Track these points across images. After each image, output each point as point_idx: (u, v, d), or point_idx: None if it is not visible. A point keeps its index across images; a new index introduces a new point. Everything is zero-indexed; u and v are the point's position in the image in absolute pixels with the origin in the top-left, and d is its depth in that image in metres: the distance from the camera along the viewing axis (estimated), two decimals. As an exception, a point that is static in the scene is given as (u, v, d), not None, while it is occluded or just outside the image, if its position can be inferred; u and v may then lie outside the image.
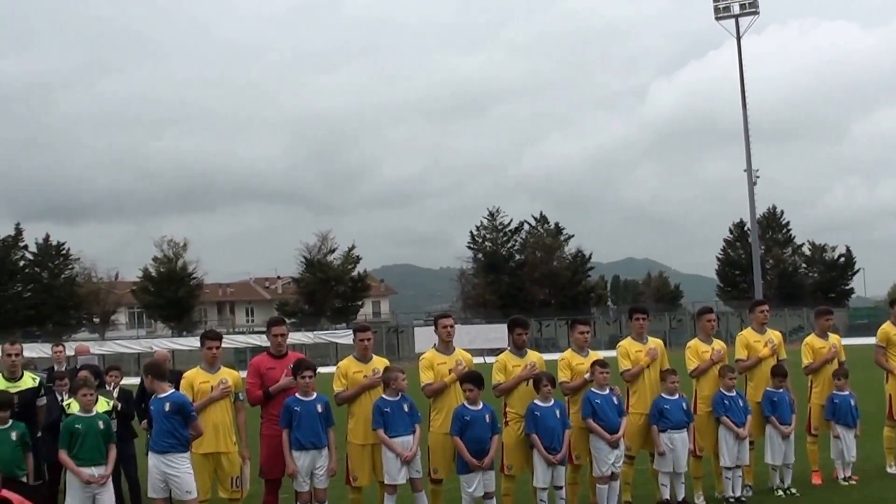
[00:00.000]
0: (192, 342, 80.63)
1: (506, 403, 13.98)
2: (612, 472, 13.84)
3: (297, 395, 12.96)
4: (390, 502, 13.05)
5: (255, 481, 13.74)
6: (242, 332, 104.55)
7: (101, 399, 13.13)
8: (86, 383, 12.63)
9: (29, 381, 13.30)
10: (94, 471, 12.17)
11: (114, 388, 15.18)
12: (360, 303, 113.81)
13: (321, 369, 13.42)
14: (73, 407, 13.05)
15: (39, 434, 13.52)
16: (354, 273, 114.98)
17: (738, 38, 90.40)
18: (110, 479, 12.46)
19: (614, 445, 13.81)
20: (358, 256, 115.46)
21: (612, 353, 14.79)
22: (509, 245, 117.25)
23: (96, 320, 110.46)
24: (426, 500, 13.16)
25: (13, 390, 12.87)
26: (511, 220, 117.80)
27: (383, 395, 13.22)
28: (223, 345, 13.55)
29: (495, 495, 13.36)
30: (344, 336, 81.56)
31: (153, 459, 12.12)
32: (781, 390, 15.20)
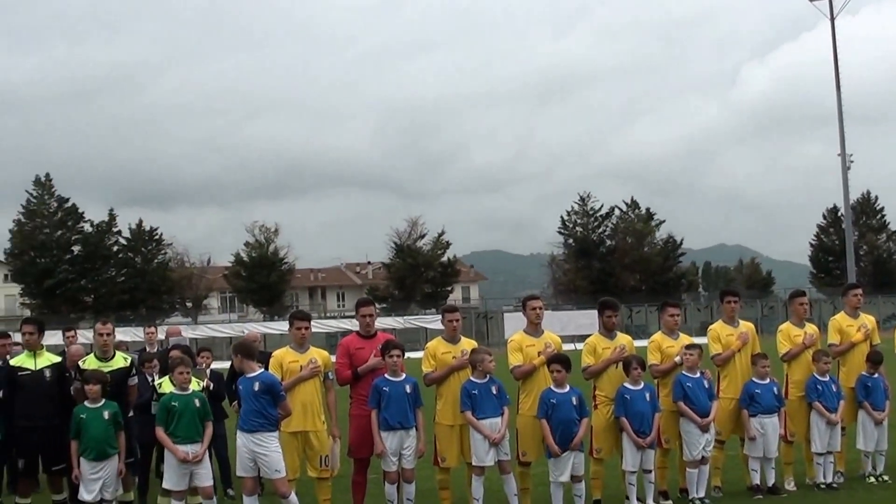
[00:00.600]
0: (284, 326, 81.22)
1: (595, 386, 13.99)
2: (703, 457, 13.80)
3: (386, 375, 13.06)
4: (478, 484, 13.11)
5: (344, 461, 13.86)
6: (334, 317, 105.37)
7: (193, 379, 13.30)
8: (182, 361, 12.82)
9: (120, 360, 13.54)
10: (190, 448, 12.37)
11: (206, 369, 15.38)
12: (449, 288, 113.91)
13: (411, 354, 13.49)
14: (165, 387, 13.23)
15: (131, 414, 13.77)
16: (444, 258, 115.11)
17: (832, 19, 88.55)
18: (207, 455, 12.67)
19: (704, 429, 13.77)
20: (448, 242, 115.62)
21: (703, 340, 14.68)
22: (600, 230, 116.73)
23: (189, 305, 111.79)
24: (514, 483, 13.19)
25: (105, 369, 13.09)
26: (602, 206, 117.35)
27: (471, 377, 13.28)
28: (315, 329, 13.66)
29: (584, 479, 13.37)
30: (433, 321, 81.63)
31: (242, 439, 12.26)
32: (876, 376, 14.99)
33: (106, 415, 12.55)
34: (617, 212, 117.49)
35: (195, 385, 13.04)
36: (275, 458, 12.21)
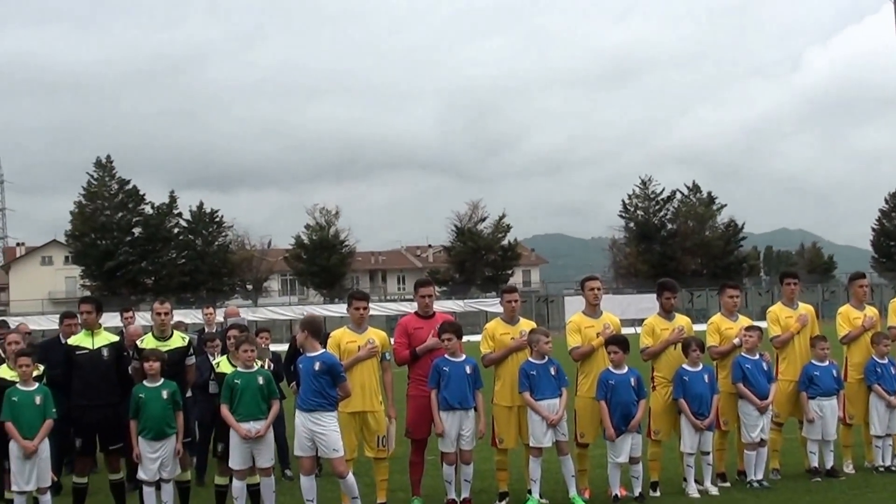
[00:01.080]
0: (344, 309, 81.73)
1: (653, 368, 13.96)
2: (761, 439, 13.74)
3: (446, 355, 13.11)
4: (535, 465, 13.13)
5: (402, 441, 13.95)
6: (394, 300, 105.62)
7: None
8: (248, 339, 12.88)
9: (178, 340, 13.62)
10: (253, 425, 12.47)
11: (265, 349, 15.48)
12: (510, 272, 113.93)
13: (471, 337, 13.53)
14: (223, 367, 13.29)
15: (189, 394, 13.90)
16: (505, 242, 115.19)
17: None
18: (271, 434, 12.77)
19: (763, 411, 13.72)
20: (508, 225, 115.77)
21: (764, 324, 14.61)
22: (661, 214, 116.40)
23: (249, 287, 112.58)
24: (572, 464, 13.20)
25: (163, 349, 13.15)
26: (663, 189, 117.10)
27: (530, 358, 13.29)
28: (375, 312, 13.73)
29: (642, 460, 13.37)
30: (493, 304, 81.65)
31: (300, 418, 12.30)
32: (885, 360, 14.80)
33: (164, 394, 12.64)
34: (678, 195, 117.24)
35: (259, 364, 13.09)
36: (333, 437, 12.27)
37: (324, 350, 12.64)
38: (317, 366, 12.31)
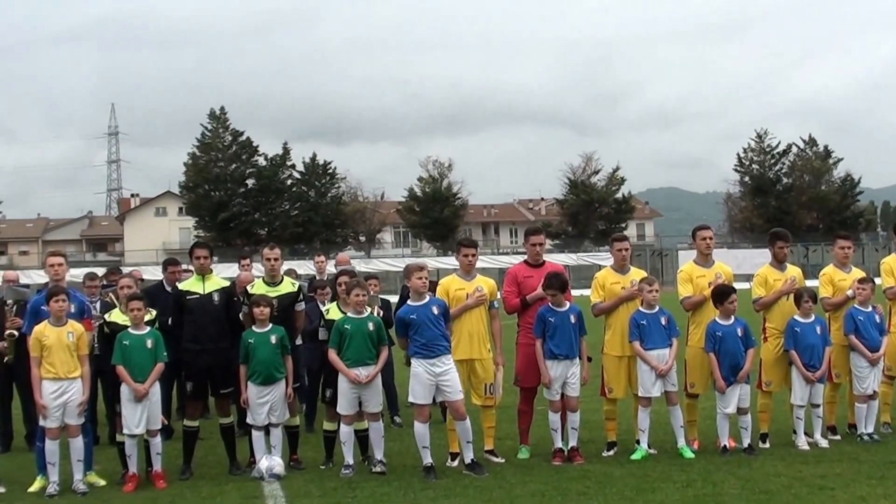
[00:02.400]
0: (456, 263, 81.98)
1: (765, 318, 13.79)
2: (872, 392, 13.54)
3: (550, 304, 13.09)
4: (644, 415, 13.07)
5: (510, 390, 13.96)
6: (506, 253, 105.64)
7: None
8: (359, 284, 12.96)
9: (288, 286, 13.73)
10: (361, 371, 12.60)
11: (375, 297, 15.55)
12: (623, 225, 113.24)
13: (585, 291, 13.46)
14: (332, 313, 13.38)
15: (299, 341, 14.03)
16: (619, 195, 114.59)
17: None
18: (379, 379, 12.87)
19: (874, 364, 13.54)
20: (622, 178, 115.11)
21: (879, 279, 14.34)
22: (777, 168, 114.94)
23: (362, 239, 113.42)
24: (681, 415, 13.12)
25: (272, 294, 13.29)
26: (779, 143, 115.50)
27: (640, 308, 13.22)
28: (487, 264, 13.75)
29: (750, 411, 13.24)
30: (607, 258, 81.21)
31: (422, 365, 12.34)
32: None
33: (273, 339, 12.79)
34: (794, 149, 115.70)
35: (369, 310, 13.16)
36: (456, 378, 12.40)
37: (433, 295, 12.74)
38: (435, 309, 12.44)
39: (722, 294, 13.16)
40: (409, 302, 12.79)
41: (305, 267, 52.10)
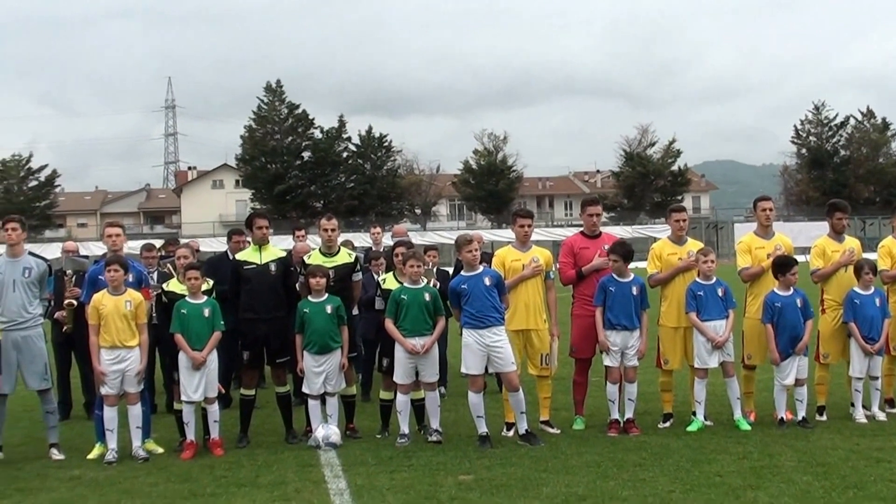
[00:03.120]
0: (511, 234, 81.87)
1: (823, 290, 13.66)
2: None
3: (612, 274, 13.02)
4: (700, 387, 12.99)
5: (565, 361, 13.93)
6: (561, 226, 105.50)
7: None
8: (415, 255, 12.96)
9: (345, 256, 13.69)
10: (417, 341, 12.61)
11: (432, 268, 15.54)
12: (679, 197, 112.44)
13: (640, 264, 13.41)
14: (388, 284, 13.40)
15: (356, 312, 14.04)
16: (674, 167, 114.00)
17: None
18: (435, 349, 12.87)
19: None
20: (678, 150, 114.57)
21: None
22: (834, 140, 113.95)
23: (417, 211, 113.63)
24: (737, 387, 13.04)
25: (329, 265, 13.28)
26: (836, 115, 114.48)
27: (697, 279, 13.13)
28: (542, 237, 13.69)
29: (808, 384, 13.13)
30: (663, 231, 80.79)
31: (474, 336, 12.36)
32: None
33: (329, 309, 12.81)
34: (852, 121, 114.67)
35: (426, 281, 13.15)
36: (509, 350, 12.37)
37: (485, 266, 12.73)
38: (487, 280, 12.42)
39: (783, 265, 13.04)
40: (462, 272, 12.79)
41: (361, 239, 52.35)
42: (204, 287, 12.73)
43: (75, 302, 14.12)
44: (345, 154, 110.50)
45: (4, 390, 12.58)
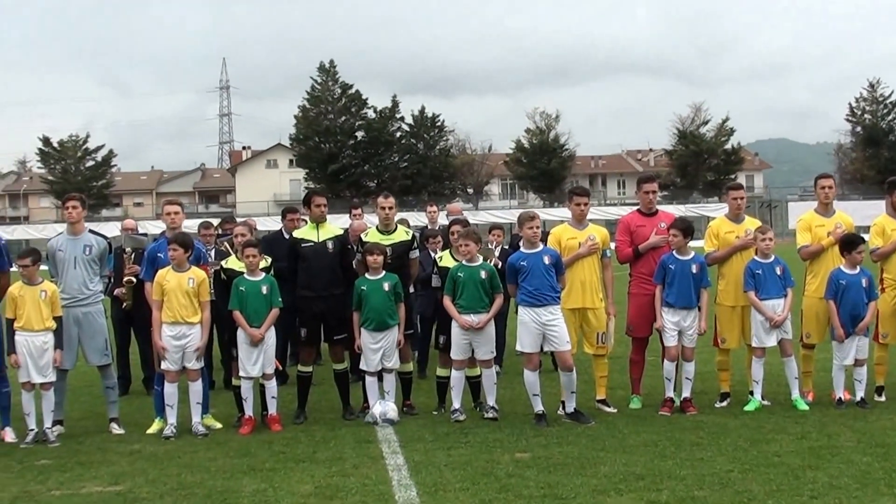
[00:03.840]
0: (564, 213, 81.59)
1: (882, 269, 13.48)
2: None
3: (673, 252, 12.92)
4: (758, 366, 12.88)
5: (622, 340, 13.86)
6: (613, 205, 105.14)
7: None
8: (466, 235, 12.91)
9: (402, 234, 13.68)
10: (473, 318, 12.58)
11: (495, 248, 15.48)
12: (732, 176, 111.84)
13: (694, 243, 13.29)
14: (445, 261, 13.37)
15: (412, 290, 14.04)
16: (728, 146, 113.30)
17: None
18: (491, 326, 12.82)
19: None
20: (731, 129, 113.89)
21: None
22: (890, 118, 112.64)
23: (470, 191, 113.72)
24: (795, 366, 12.91)
25: (386, 242, 13.26)
26: (892, 92, 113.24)
27: (755, 257, 13.01)
28: (595, 216, 13.60)
29: (867, 364, 12.99)
30: (716, 209, 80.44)
31: (529, 314, 12.31)
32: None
33: (386, 286, 12.82)
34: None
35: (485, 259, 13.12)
36: (564, 329, 12.33)
37: (543, 245, 12.67)
38: (546, 259, 12.35)
39: (850, 242, 12.88)
40: (521, 248, 12.74)
41: (414, 218, 52.41)
42: (262, 264, 12.77)
43: (134, 279, 14.24)
44: (398, 134, 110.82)
45: (66, 366, 12.68)
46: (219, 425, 12.82)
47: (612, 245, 13.37)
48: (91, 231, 13.31)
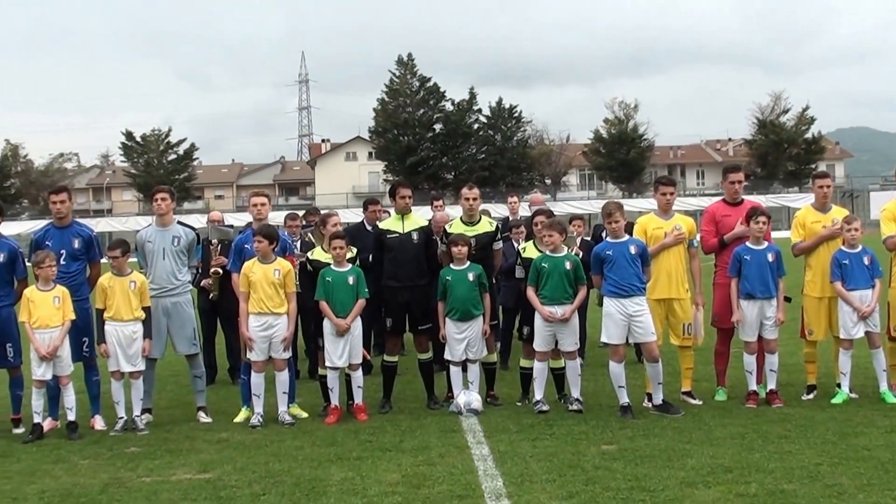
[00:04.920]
0: (643, 204, 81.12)
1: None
2: None
3: (747, 243, 12.78)
4: (845, 358, 12.70)
5: (707, 330, 13.73)
6: (693, 195, 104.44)
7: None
8: (550, 226, 12.82)
9: (486, 225, 13.65)
10: (557, 309, 12.51)
11: (577, 237, 15.40)
12: (813, 165, 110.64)
13: (776, 234, 13.13)
14: (528, 252, 13.31)
15: (495, 279, 14.01)
16: (808, 135, 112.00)
17: None
18: (575, 318, 12.74)
19: None
20: (812, 117, 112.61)
21: None
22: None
23: (548, 181, 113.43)
24: (883, 357, 12.72)
25: (470, 233, 13.25)
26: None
27: (843, 247, 12.82)
28: (675, 207, 13.42)
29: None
30: (797, 199, 79.82)
31: (615, 305, 12.24)
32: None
33: (470, 276, 12.80)
34: None
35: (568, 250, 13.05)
36: (650, 320, 12.26)
37: (629, 235, 12.60)
38: (633, 248, 12.29)
39: None
40: (606, 239, 12.67)
41: (492, 209, 52.56)
42: (348, 255, 12.83)
43: (221, 270, 14.37)
44: (475, 125, 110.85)
45: (154, 355, 12.85)
46: (305, 414, 12.91)
47: (698, 235, 13.26)
48: (179, 222, 13.45)
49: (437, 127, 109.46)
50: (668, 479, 9.23)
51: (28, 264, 12.75)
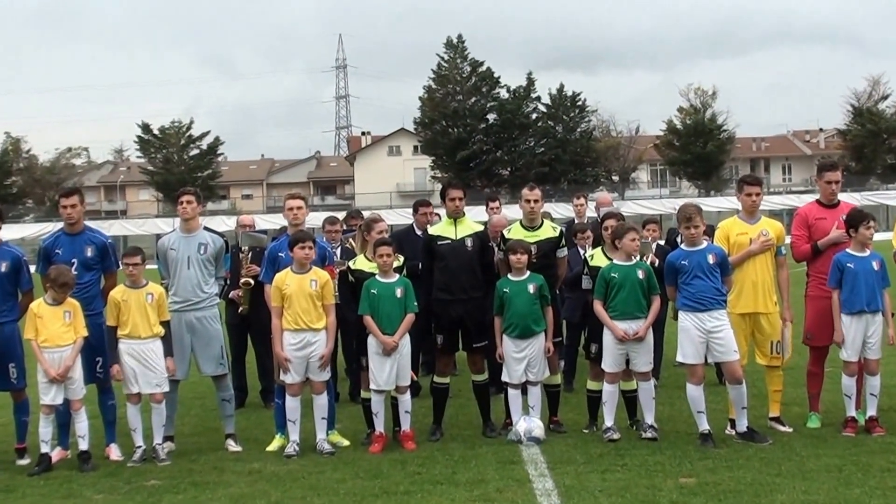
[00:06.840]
0: (722, 202, 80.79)
1: None
2: None
3: (848, 249, 12.67)
4: None
5: (798, 349, 13.65)
6: (778, 192, 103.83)
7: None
8: (633, 229, 12.67)
9: (549, 230, 13.58)
10: (630, 325, 12.45)
11: (652, 243, 15.27)
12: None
13: (877, 235, 13.02)
14: (598, 259, 13.23)
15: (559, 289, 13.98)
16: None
17: None
18: (650, 335, 12.68)
19: None
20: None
21: None
22: None
23: (615, 178, 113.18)
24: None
25: (531, 240, 13.22)
26: None
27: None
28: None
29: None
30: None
31: (690, 320, 12.20)
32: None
33: (531, 288, 12.74)
34: None
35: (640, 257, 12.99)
36: (731, 337, 12.21)
37: (709, 241, 12.54)
38: (710, 258, 12.24)
39: None
40: (682, 246, 12.63)
41: (553, 210, 52.39)
42: (395, 264, 12.82)
43: (252, 281, 14.40)
44: (534, 115, 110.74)
45: (177, 376, 12.87)
46: (346, 443, 12.95)
47: (788, 241, 13.18)
48: (206, 228, 13.48)
49: (491, 117, 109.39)
50: (755, 518, 9.23)
51: (34, 273, 12.85)
